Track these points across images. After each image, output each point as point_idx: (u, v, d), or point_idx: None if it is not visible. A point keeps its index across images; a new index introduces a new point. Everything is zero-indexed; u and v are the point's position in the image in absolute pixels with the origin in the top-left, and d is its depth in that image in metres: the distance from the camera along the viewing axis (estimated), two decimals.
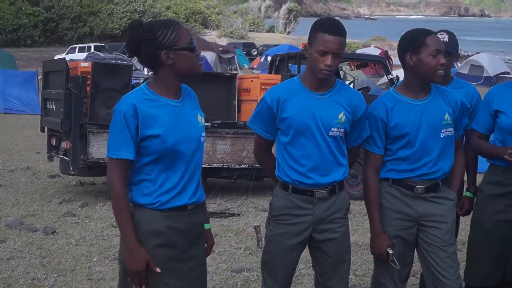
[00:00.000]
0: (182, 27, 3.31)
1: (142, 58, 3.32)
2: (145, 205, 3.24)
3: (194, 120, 3.38)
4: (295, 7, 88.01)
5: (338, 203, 3.85)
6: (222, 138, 9.54)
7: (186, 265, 3.30)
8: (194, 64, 3.33)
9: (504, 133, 4.23)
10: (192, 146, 3.32)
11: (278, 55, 12.83)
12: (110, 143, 3.23)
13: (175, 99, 3.32)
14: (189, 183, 3.33)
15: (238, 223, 8.21)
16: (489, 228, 4.21)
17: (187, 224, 3.31)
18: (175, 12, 63.74)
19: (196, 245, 3.37)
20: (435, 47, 3.80)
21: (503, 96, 4.26)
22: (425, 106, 3.92)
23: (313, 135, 3.73)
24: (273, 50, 37.46)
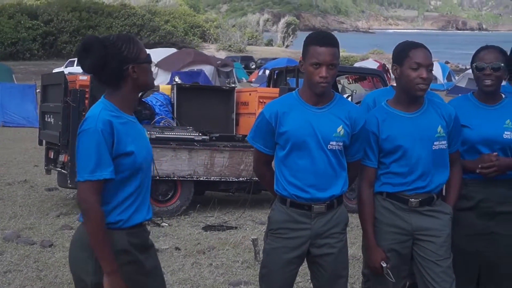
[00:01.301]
0: (135, 39, 3.28)
1: (104, 75, 3.21)
2: (111, 224, 3.16)
3: (146, 137, 3.37)
4: (293, 20, 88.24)
5: (336, 218, 3.85)
6: (220, 151, 9.54)
7: (147, 278, 3.30)
8: (151, 77, 3.33)
9: (467, 146, 4.20)
10: (148, 162, 3.32)
11: (276, 69, 12.86)
12: (85, 164, 3.10)
13: (131, 115, 3.29)
14: (145, 199, 3.31)
15: (236, 236, 8.20)
16: (460, 243, 4.15)
17: (142, 238, 3.30)
18: (173, 26, 63.90)
19: (151, 256, 3.36)
20: (417, 60, 3.80)
21: (464, 109, 4.22)
22: (417, 119, 3.92)
23: (311, 149, 3.73)
24: (272, 64, 37.55)
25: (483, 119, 4.18)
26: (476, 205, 4.19)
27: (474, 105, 4.25)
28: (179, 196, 9.49)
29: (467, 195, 4.20)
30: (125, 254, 3.19)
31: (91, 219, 3.09)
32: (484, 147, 4.16)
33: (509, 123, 4.16)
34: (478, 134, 4.16)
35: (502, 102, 4.23)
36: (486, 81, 4.13)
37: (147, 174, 3.31)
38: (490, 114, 4.19)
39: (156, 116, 9.88)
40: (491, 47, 4.22)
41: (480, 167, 4.09)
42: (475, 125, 4.18)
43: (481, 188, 4.17)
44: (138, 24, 61.56)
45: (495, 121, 4.17)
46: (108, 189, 3.16)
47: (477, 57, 4.19)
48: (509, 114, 4.18)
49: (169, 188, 9.47)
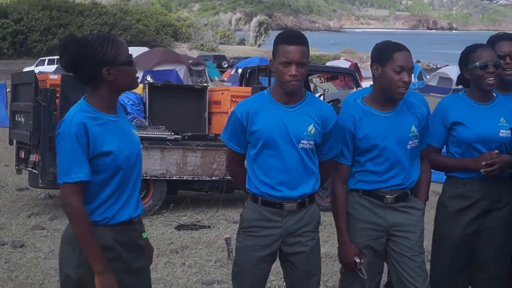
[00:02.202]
0: (120, 41, 3.23)
1: (80, 75, 3.22)
2: (95, 222, 3.17)
3: (132, 134, 3.36)
4: (265, 20, 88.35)
5: (308, 216, 3.86)
6: (192, 150, 9.52)
7: (132, 277, 3.29)
8: (133, 78, 3.29)
9: (463, 145, 4.23)
10: (133, 160, 3.30)
11: (249, 68, 12.87)
12: (63, 167, 3.12)
13: (113, 114, 3.28)
14: (132, 196, 3.30)
15: (209, 235, 8.19)
16: (457, 241, 4.21)
17: (130, 237, 3.29)
18: (145, 25, 63.60)
19: (139, 257, 3.36)
20: (400, 64, 3.81)
21: (458, 108, 4.25)
22: (392, 118, 3.95)
23: (283, 147, 3.74)
24: (244, 63, 37.57)
25: (478, 118, 4.20)
26: (475, 203, 4.22)
27: (468, 104, 4.26)
28: (151, 195, 9.45)
29: (465, 195, 4.23)
30: (108, 251, 3.19)
31: (77, 222, 3.11)
32: (481, 146, 4.18)
33: (503, 121, 4.18)
34: (475, 133, 4.18)
35: (495, 100, 4.26)
36: (490, 79, 4.13)
37: (132, 172, 3.30)
38: (485, 113, 4.21)
39: (128, 116, 9.83)
40: (483, 45, 4.23)
41: (485, 165, 4.11)
42: (472, 124, 4.19)
43: (480, 187, 4.20)
44: (110, 23, 61.17)
45: (490, 119, 4.19)
46: (90, 189, 3.17)
47: (475, 56, 4.17)
48: (502, 112, 4.20)
49: (141, 188, 9.40)
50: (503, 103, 4.24)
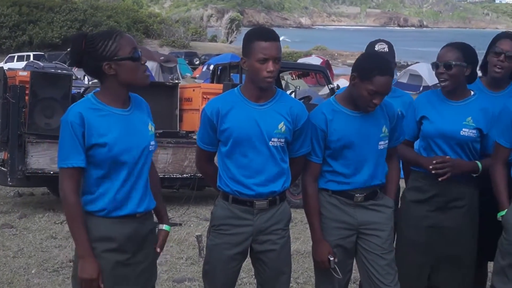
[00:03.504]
0: (124, 36, 3.29)
1: (86, 70, 3.33)
2: (94, 212, 3.24)
3: (143, 129, 3.39)
4: (237, 16, 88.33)
5: (279, 214, 3.85)
6: (163, 147, 9.49)
7: (134, 270, 3.32)
8: (137, 74, 3.31)
9: (428, 139, 4.27)
10: (137, 155, 3.31)
11: (220, 65, 12.86)
12: (60, 154, 3.23)
13: (123, 108, 3.32)
14: (134, 191, 3.32)
15: (180, 232, 8.17)
16: (411, 234, 4.24)
17: (135, 229, 3.32)
18: (116, 21, 63.18)
19: (145, 250, 3.38)
20: (376, 89, 3.79)
21: (428, 103, 4.31)
22: (363, 118, 3.95)
23: (253, 145, 3.73)
24: (215, 60, 37.49)
25: (444, 114, 4.23)
26: (430, 198, 4.25)
27: (439, 100, 4.30)
28: None
29: (422, 188, 4.27)
30: (107, 241, 3.23)
31: (66, 205, 3.20)
32: (441, 142, 4.21)
33: (469, 121, 4.19)
34: (436, 128, 4.21)
35: (469, 99, 4.28)
36: (441, 81, 4.20)
37: (135, 168, 3.31)
38: (453, 110, 4.23)
39: None
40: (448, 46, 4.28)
41: (434, 163, 4.13)
42: (435, 119, 4.23)
43: (436, 183, 4.21)
44: (80, 19, 60.64)
45: (456, 117, 4.21)
46: (91, 179, 3.26)
47: None
48: (472, 112, 4.21)
49: None
50: (477, 103, 4.25)
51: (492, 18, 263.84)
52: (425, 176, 4.25)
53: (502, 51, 4.35)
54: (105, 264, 3.21)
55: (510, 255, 3.96)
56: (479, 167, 4.20)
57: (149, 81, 3.45)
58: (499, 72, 4.38)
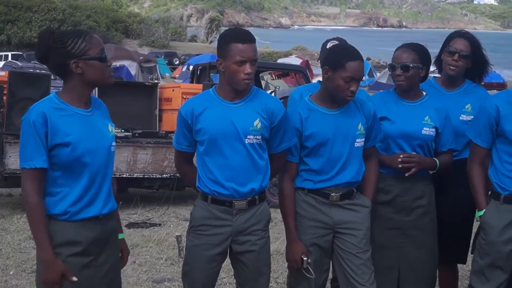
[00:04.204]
0: (93, 37, 3.29)
1: (51, 66, 3.30)
2: (57, 215, 3.21)
3: (104, 130, 3.37)
4: (217, 16, 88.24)
5: (258, 215, 3.86)
6: (143, 147, 9.46)
7: (99, 271, 3.30)
8: (104, 74, 3.32)
9: (387, 140, 4.28)
10: (100, 156, 3.30)
11: (200, 65, 12.84)
12: (22, 154, 3.19)
13: (85, 108, 3.31)
14: (99, 193, 3.31)
15: (159, 233, 8.14)
16: (377, 237, 4.24)
17: (99, 232, 3.30)
18: (95, 21, 62.88)
19: (109, 250, 3.36)
20: (351, 74, 3.83)
21: (384, 104, 4.33)
22: (339, 116, 3.98)
23: (229, 144, 3.73)
24: (195, 60, 37.44)
25: (404, 114, 4.27)
26: (393, 199, 4.27)
27: (395, 101, 4.34)
28: None
29: (385, 189, 4.28)
30: (71, 246, 3.21)
31: (28, 207, 3.17)
32: (403, 142, 4.24)
33: (428, 120, 4.25)
34: (398, 128, 4.24)
35: (423, 99, 4.34)
36: (399, 81, 4.26)
37: (99, 170, 3.30)
38: (410, 110, 4.29)
39: None
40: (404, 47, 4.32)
41: (402, 159, 4.15)
42: (396, 120, 4.26)
43: (398, 183, 4.26)
44: (59, 19, 60.25)
45: (415, 117, 4.26)
46: (52, 181, 3.22)
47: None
48: (428, 111, 4.27)
49: None
50: (430, 102, 4.33)
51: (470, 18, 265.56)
52: (385, 177, 4.28)
53: (456, 51, 4.44)
54: (70, 269, 3.17)
55: (488, 255, 4.00)
56: (437, 164, 4.27)
57: (113, 81, 3.45)
58: (454, 70, 4.47)
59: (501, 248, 3.97)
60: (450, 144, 4.34)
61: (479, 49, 4.57)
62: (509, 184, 3.98)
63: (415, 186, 4.27)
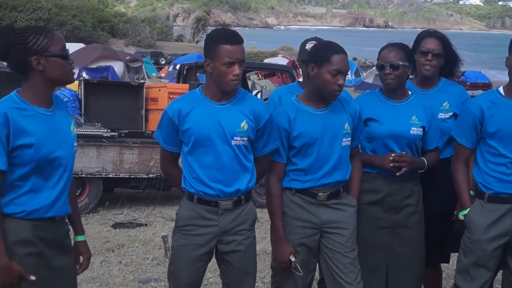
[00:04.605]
0: (55, 34, 3.23)
1: (11, 63, 3.23)
2: (13, 214, 3.14)
3: (67, 130, 3.32)
4: (203, 16, 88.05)
5: (244, 214, 3.86)
6: (129, 147, 9.44)
7: (54, 274, 3.25)
8: (66, 72, 3.26)
9: (375, 141, 4.31)
10: (65, 156, 3.25)
11: (186, 64, 12.83)
12: None
13: (47, 108, 3.24)
14: (61, 194, 3.26)
15: (145, 233, 8.13)
16: (366, 236, 4.26)
17: (54, 234, 3.25)
18: (81, 21, 62.62)
19: (63, 254, 3.31)
20: (337, 67, 3.85)
21: (372, 105, 4.34)
22: (326, 116, 3.99)
23: (216, 145, 3.73)
24: (182, 59, 37.35)
25: (391, 115, 4.28)
26: (383, 199, 4.28)
27: (382, 101, 4.35)
28: (87, 193, 9.34)
29: (374, 189, 4.29)
30: (27, 245, 3.15)
31: None
32: (392, 142, 4.26)
33: (415, 119, 4.27)
34: (387, 129, 4.26)
35: (409, 98, 4.35)
36: (388, 79, 4.27)
37: (64, 170, 3.26)
38: (397, 110, 4.30)
39: None
40: (390, 46, 4.34)
41: (393, 159, 4.17)
42: (384, 120, 4.27)
43: (388, 183, 4.27)
44: (44, 19, 59.94)
45: (402, 117, 4.28)
46: (14, 181, 3.14)
47: (379, 56, 4.31)
48: (415, 111, 4.29)
49: (77, 186, 9.30)
50: (416, 101, 4.35)
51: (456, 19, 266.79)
52: (375, 177, 4.30)
53: (429, 50, 4.47)
54: (26, 268, 3.12)
55: (473, 254, 4.02)
56: (426, 163, 4.30)
57: (74, 79, 3.40)
58: (429, 70, 4.50)
59: (486, 246, 4.00)
60: (437, 142, 4.36)
61: (450, 46, 4.61)
62: (493, 183, 4.01)
63: (405, 186, 4.29)
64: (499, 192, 4.00)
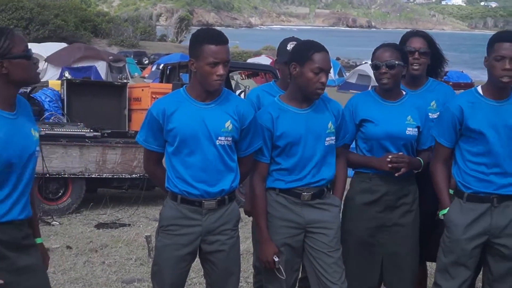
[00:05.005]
0: (15, 34, 3.16)
1: None
2: None
3: (29, 134, 3.25)
4: (186, 16, 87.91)
5: (227, 214, 3.86)
6: (112, 147, 9.41)
7: (20, 275, 3.21)
8: (30, 73, 3.21)
9: (371, 142, 4.32)
10: (25, 160, 3.20)
11: (169, 64, 12.81)
12: None
13: (10, 111, 3.18)
14: (20, 198, 3.21)
15: (129, 233, 8.11)
16: (362, 235, 4.29)
17: (13, 236, 3.19)
18: (64, 20, 62.30)
19: (26, 254, 3.25)
20: (319, 65, 3.86)
21: (367, 106, 4.36)
22: (309, 115, 3.99)
23: (200, 145, 3.73)
24: (165, 59, 37.25)
25: (386, 115, 4.30)
26: (380, 198, 4.30)
27: (376, 102, 4.36)
28: (70, 194, 9.30)
29: (371, 189, 4.32)
30: None
31: None
32: (388, 143, 4.28)
33: (410, 120, 4.29)
34: (383, 130, 4.27)
35: (403, 98, 4.37)
36: (383, 79, 4.28)
37: (24, 175, 3.20)
38: (393, 111, 4.31)
39: (45, 112, 9.65)
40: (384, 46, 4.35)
41: (391, 160, 4.19)
42: (379, 121, 4.29)
43: (384, 182, 4.29)
44: (26, 18, 59.60)
45: (397, 117, 4.29)
46: None
47: (374, 56, 4.33)
48: (409, 111, 4.31)
49: (59, 186, 9.26)
50: (411, 101, 4.36)
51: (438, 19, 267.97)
52: (372, 177, 4.31)
53: (415, 49, 4.51)
54: None
55: (452, 253, 4.05)
56: (422, 163, 4.32)
57: (40, 79, 3.35)
58: (417, 69, 4.53)
59: (465, 245, 4.02)
60: (430, 142, 4.37)
61: (435, 45, 4.65)
62: (472, 182, 4.04)
63: (402, 185, 4.31)
64: (478, 192, 4.03)
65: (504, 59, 3.89)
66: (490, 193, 4.02)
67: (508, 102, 4.04)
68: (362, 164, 4.36)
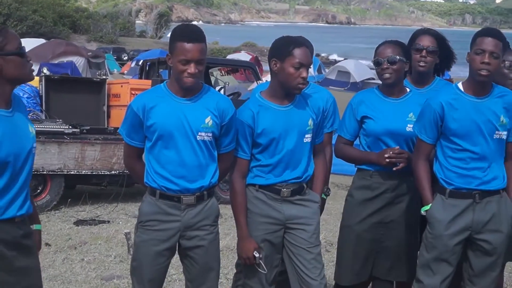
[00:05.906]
0: (9, 31, 3.17)
1: None
2: None
3: (26, 131, 3.26)
4: (166, 12, 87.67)
5: (206, 210, 3.85)
6: (91, 144, 9.36)
7: (15, 276, 3.19)
8: (24, 70, 3.21)
9: (371, 138, 4.37)
10: (23, 157, 3.20)
11: (149, 60, 12.76)
12: None
13: (6, 108, 3.18)
14: (18, 195, 3.21)
15: (108, 230, 8.08)
16: (360, 231, 4.36)
17: (13, 235, 3.19)
18: (42, 16, 61.88)
19: (24, 255, 3.25)
20: (300, 60, 3.86)
21: (369, 102, 4.40)
22: (290, 112, 4.00)
23: (180, 140, 3.72)
24: (144, 55, 37.13)
25: (387, 112, 4.33)
26: (380, 195, 4.35)
27: (379, 99, 4.40)
28: (48, 190, 9.24)
29: (372, 186, 4.36)
30: None
31: None
32: (388, 139, 4.31)
33: (412, 116, 4.31)
34: (382, 126, 4.31)
35: (407, 96, 4.40)
36: (385, 75, 4.30)
37: (21, 169, 3.20)
38: (394, 107, 4.35)
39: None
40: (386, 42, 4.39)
41: (391, 153, 4.22)
42: (380, 118, 4.32)
43: (385, 180, 4.34)
44: (4, 14, 59.14)
45: (399, 114, 4.32)
46: None
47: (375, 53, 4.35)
48: (412, 108, 4.32)
49: (38, 183, 9.19)
50: (414, 98, 4.38)
51: (417, 16, 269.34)
52: (373, 174, 4.35)
53: (423, 47, 4.50)
54: None
55: (435, 248, 4.07)
56: None
57: (34, 77, 3.36)
58: (423, 66, 4.52)
59: (447, 241, 4.05)
60: None
61: (445, 43, 4.64)
62: (454, 178, 4.06)
63: (402, 182, 4.35)
64: (460, 188, 4.06)
65: (484, 53, 3.92)
66: (472, 189, 4.05)
67: (488, 98, 4.06)
68: (361, 158, 4.40)
